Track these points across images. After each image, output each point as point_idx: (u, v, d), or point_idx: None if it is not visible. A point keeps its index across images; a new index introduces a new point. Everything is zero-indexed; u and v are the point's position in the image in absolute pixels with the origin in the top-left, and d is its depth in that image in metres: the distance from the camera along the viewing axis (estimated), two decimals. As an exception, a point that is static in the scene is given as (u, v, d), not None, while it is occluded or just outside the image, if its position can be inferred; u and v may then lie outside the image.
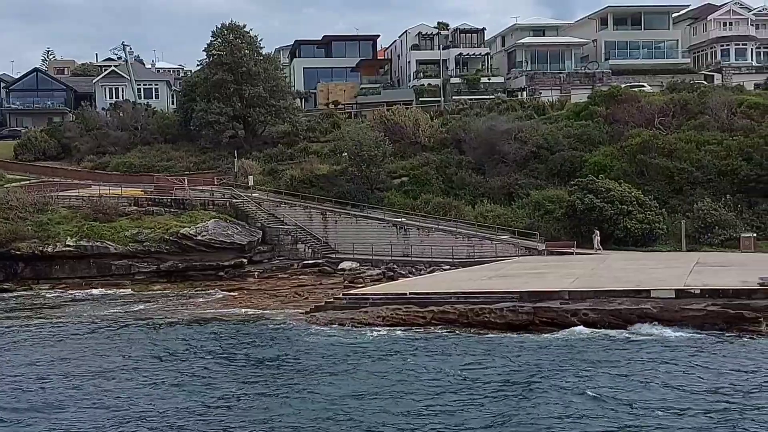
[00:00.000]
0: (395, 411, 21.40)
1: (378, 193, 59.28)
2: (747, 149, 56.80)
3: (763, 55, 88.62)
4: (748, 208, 54.34)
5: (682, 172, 56.52)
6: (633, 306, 32.29)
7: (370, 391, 23.37)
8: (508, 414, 20.85)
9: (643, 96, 67.72)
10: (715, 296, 32.45)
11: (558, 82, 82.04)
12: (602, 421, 20.07)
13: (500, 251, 51.26)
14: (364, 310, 35.73)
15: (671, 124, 62.02)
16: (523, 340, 30.40)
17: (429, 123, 67.24)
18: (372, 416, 21.06)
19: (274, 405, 22.44)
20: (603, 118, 63.95)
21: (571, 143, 61.62)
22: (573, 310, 32.66)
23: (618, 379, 23.92)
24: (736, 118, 60.84)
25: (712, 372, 24.61)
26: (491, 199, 57.61)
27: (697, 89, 69.16)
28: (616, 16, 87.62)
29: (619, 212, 51.59)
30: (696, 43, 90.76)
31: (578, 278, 37.58)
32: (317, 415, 21.26)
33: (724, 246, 50.64)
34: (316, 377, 25.40)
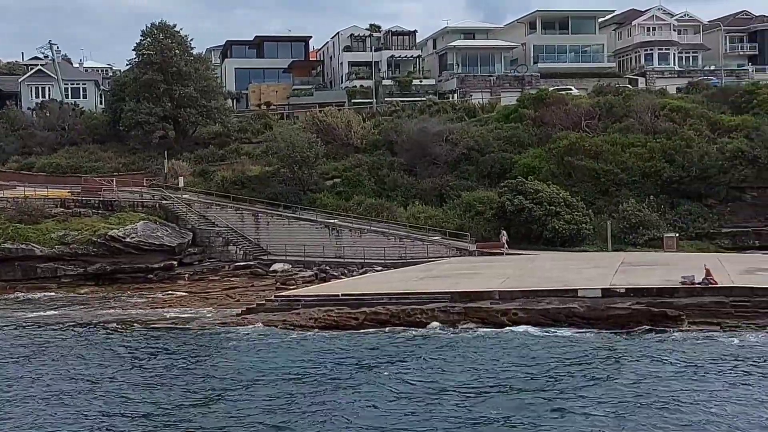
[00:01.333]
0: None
1: (310, 195, 59.27)
2: (670, 151, 58.34)
3: (684, 59, 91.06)
4: (670, 208, 55.84)
5: (608, 174, 57.79)
6: (561, 305, 33.01)
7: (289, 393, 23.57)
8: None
9: (571, 99, 69.01)
10: (640, 295, 33.38)
11: (488, 85, 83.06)
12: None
13: (432, 252, 51.75)
14: (296, 311, 35.79)
15: (597, 127, 63.34)
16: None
17: (361, 124, 67.49)
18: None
19: (189, 409, 22.44)
20: (532, 121, 65.00)
21: (501, 145, 62.50)
22: (503, 310, 33.23)
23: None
24: (659, 120, 62.38)
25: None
26: (423, 200, 58.11)
27: (622, 93, 70.74)
28: (544, 20, 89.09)
29: (548, 213, 52.53)
30: (621, 48, 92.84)
31: (508, 278, 38.23)
32: (226, 420, 21.36)
33: (648, 246, 51.98)
34: (238, 380, 25.44)
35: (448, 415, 21.02)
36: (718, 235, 54.34)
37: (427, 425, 20.35)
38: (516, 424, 20.35)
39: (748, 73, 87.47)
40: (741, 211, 56.23)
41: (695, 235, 54.05)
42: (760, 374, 24.41)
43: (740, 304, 32.27)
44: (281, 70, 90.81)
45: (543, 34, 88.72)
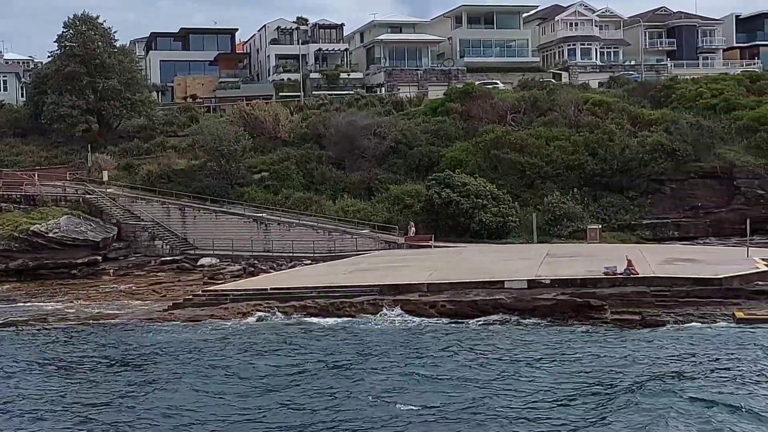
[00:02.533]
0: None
1: (238, 189, 58.87)
2: (592, 145, 59.60)
3: (606, 54, 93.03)
4: (593, 200, 57.09)
5: (533, 167, 58.76)
6: (488, 297, 33.47)
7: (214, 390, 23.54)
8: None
9: (496, 93, 69.94)
10: (564, 286, 34.04)
11: (415, 79, 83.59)
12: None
13: (361, 245, 51.95)
14: (224, 306, 35.57)
15: (522, 121, 64.35)
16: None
17: (289, 118, 67.24)
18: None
19: (109, 405, 22.24)
20: (459, 115, 65.64)
21: (428, 138, 63.00)
22: (432, 302, 33.57)
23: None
24: (582, 114, 63.63)
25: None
26: (352, 193, 58.24)
27: (547, 87, 72.02)
28: (469, 14, 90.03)
29: (475, 206, 53.17)
30: (545, 43, 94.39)
31: (436, 271, 38.62)
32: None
33: (572, 237, 53.06)
34: (159, 376, 25.27)
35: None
36: (639, 226, 55.77)
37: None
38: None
39: (667, 68, 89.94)
40: (661, 203, 57.79)
41: (617, 226, 55.36)
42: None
43: (660, 293, 33.20)
44: (207, 63, 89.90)
45: (469, 29, 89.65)
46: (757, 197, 56.95)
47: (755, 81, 70.21)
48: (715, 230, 56.22)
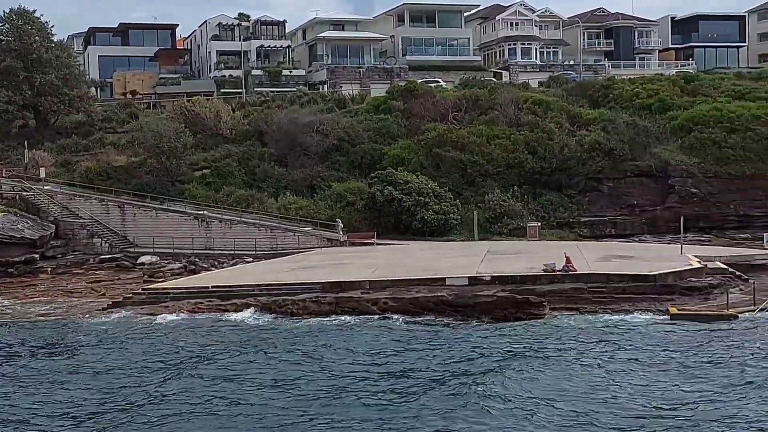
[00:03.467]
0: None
1: (179, 186, 58.35)
2: (532, 143, 60.39)
3: (545, 54, 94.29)
4: (533, 198, 57.85)
5: (475, 165, 59.32)
6: (430, 294, 33.85)
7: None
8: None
9: (438, 91, 70.39)
10: (505, 282, 34.58)
11: (358, 76, 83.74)
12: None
13: (303, 243, 51.93)
14: (164, 304, 35.39)
15: (464, 119, 64.89)
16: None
17: (231, 115, 66.80)
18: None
19: (47, 402, 22.36)
20: (401, 112, 65.94)
21: (371, 136, 63.19)
22: (374, 300, 33.81)
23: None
24: (522, 113, 64.34)
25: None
26: (294, 191, 58.15)
27: (488, 86, 72.69)
28: (412, 13, 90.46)
29: (417, 203, 53.53)
30: (486, 42, 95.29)
31: (378, 268, 38.86)
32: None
33: (512, 235, 53.70)
34: (100, 371, 25.36)
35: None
36: (578, 224, 56.69)
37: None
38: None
39: (605, 68, 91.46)
40: (598, 201, 58.80)
41: (556, 224, 56.19)
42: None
43: (597, 289, 33.94)
44: (147, 59, 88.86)
45: (411, 27, 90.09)
46: (691, 196, 58.32)
47: (689, 82, 71.76)
48: (651, 228, 57.44)
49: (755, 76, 75.88)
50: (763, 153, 59.66)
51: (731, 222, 58.39)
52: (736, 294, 33.66)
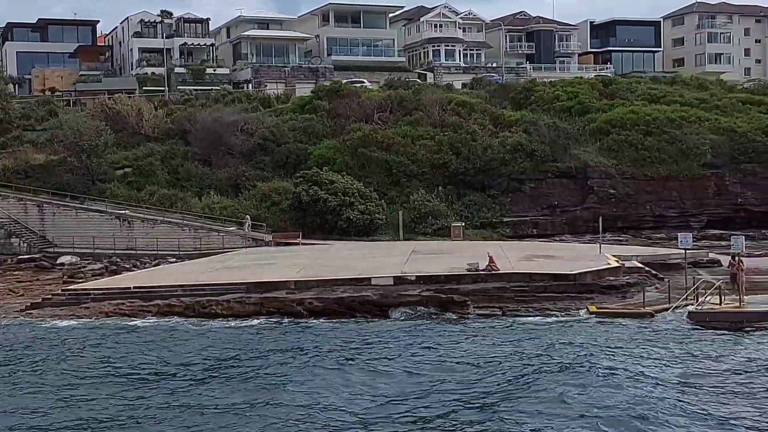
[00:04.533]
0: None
1: (100, 185, 57.33)
2: (456, 144, 61.08)
3: (469, 56, 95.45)
4: (457, 199, 58.55)
5: (400, 165, 59.73)
6: (355, 294, 33.98)
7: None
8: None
9: (363, 92, 70.65)
10: (429, 282, 34.88)
11: (283, 76, 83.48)
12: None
13: (227, 243, 51.54)
14: (85, 306, 34.73)
15: (389, 120, 65.27)
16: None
17: (153, 113, 65.84)
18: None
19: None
20: (326, 112, 66.01)
21: (296, 136, 63.08)
22: (299, 300, 33.80)
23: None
24: (446, 114, 65.07)
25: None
26: (218, 190, 57.70)
27: (412, 87, 73.23)
28: (337, 13, 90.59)
29: (343, 203, 53.66)
30: (411, 43, 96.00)
31: (304, 268, 38.84)
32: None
33: (437, 235, 54.24)
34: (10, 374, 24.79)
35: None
36: (501, 224, 57.59)
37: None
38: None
39: (527, 71, 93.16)
40: (520, 202, 59.81)
41: (480, 224, 56.99)
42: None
43: (520, 288, 34.56)
44: (67, 55, 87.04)
45: (336, 27, 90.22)
46: (609, 196, 59.81)
47: (607, 85, 73.58)
48: (571, 228, 58.72)
49: (669, 81, 78.31)
50: (677, 155, 61.56)
51: (647, 222, 60.18)
52: (652, 292, 34.63)
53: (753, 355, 25.50)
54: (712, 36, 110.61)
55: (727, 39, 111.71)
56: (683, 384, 22.16)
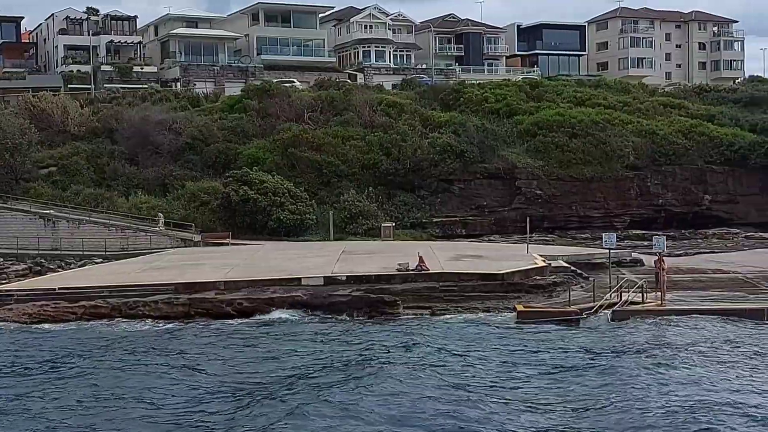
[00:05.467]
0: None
1: (23, 184, 56.12)
2: (386, 145, 61.40)
3: (399, 57, 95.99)
4: (387, 199, 58.87)
5: (330, 166, 59.80)
6: (285, 294, 33.97)
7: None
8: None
9: (294, 92, 70.54)
10: (359, 282, 35.05)
11: (212, 75, 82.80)
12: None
13: (155, 243, 50.93)
14: (7, 307, 33.95)
15: (319, 120, 65.29)
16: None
17: (79, 111, 64.68)
18: None
19: None
20: (256, 112, 65.70)
21: (225, 135, 62.65)
22: (228, 300, 33.64)
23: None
24: (376, 115, 65.37)
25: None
26: (146, 190, 56.97)
27: (342, 87, 73.36)
28: (266, 12, 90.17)
29: (273, 203, 53.51)
30: (341, 43, 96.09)
31: (233, 268, 38.66)
32: None
33: (367, 235, 54.47)
34: None
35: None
36: (430, 224, 58.14)
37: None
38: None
39: (456, 73, 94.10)
40: (450, 202, 60.47)
41: (410, 224, 57.43)
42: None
43: (449, 288, 34.97)
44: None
45: (266, 26, 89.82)
46: (536, 197, 60.89)
47: (534, 87, 74.84)
48: (499, 228, 59.58)
49: (594, 84, 79.99)
50: (602, 157, 62.98)
51: (573, 222, 61.46)
52: (577, 291, 35.39)
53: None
54: (635, 41, 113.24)
55: (649, 44, 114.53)
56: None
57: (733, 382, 22.24)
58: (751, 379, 22.62)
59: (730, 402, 20.35)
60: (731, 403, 20.28)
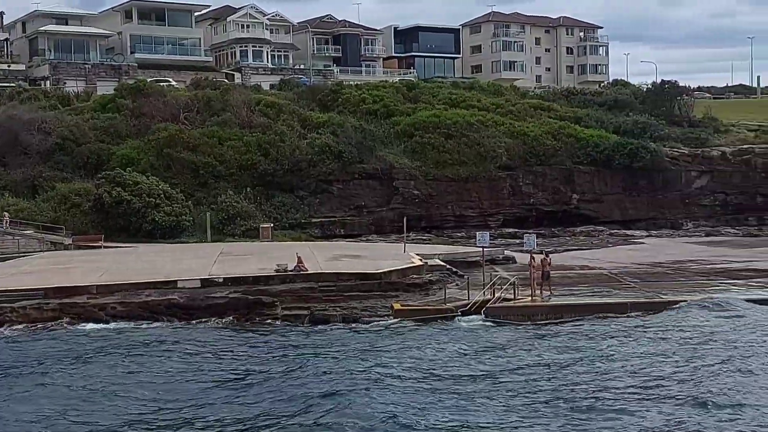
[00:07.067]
0: None
1: None
2: (265, 145, 61.10)
3: (277, 57, 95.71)
4: (266, 200, 58.59)
5: (207, 166, 59.04)
6: (161, 297, 33.47)
7: None
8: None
9: (169, 91, 69.32)
10: (237, 284, 34.89)
11: (83, 73, 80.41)
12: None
13: (23, 247, 49.16)
14: None
15: (196, 120, 64.33)
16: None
17: (-61, 110, 61.79)
18: None
19: None
20: (130, 111, 64.20)
21: (98, 135, 61.01)
22: (101, 305, 32.91)
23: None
24: (254, 115, 64.91)
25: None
26: (13, 192, 54.89)
27: (220, 87, 72.55)
28: (140, 10, 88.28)
29: (148, 205, 52.45)
30: (217, 43, 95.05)
31: (107, 272, 37.81)
32: None
33: (246, 236, 54.11)
34: None
35: None
36: (309, 225, 58.23)
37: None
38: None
39: (334, 74, 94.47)
40: (329, 203, 60.71)
41: (289, 225, 57.35)
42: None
43: (328, 288, 35.21)
44: None
45: (140, 24, 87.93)
46: (413, 197, 61.84)
47: (411, 89, 75.93)
48: (377, 228, 60.22)
49: (468, 86, 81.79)
50: (476, 158, 64.49)
51: (449, 222, 62.73)
52: (452, 289, 36.18)
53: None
54: (507, 44, 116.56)
55: (520, 48, 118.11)
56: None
57: (598, 372, 23.42)
58: (611, 368, 23.98)
59: (601, 388, 21.72)
60: (603, 388, 21.66)
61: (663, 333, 28.35)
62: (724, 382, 22.17)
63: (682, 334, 28.00)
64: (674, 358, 24.84)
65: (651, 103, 78.28)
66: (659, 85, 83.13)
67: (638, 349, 26.11)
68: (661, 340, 27.32)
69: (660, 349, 26.01)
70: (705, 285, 37.00)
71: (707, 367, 23.62)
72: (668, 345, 26.60)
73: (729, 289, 35.83)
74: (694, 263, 44.45)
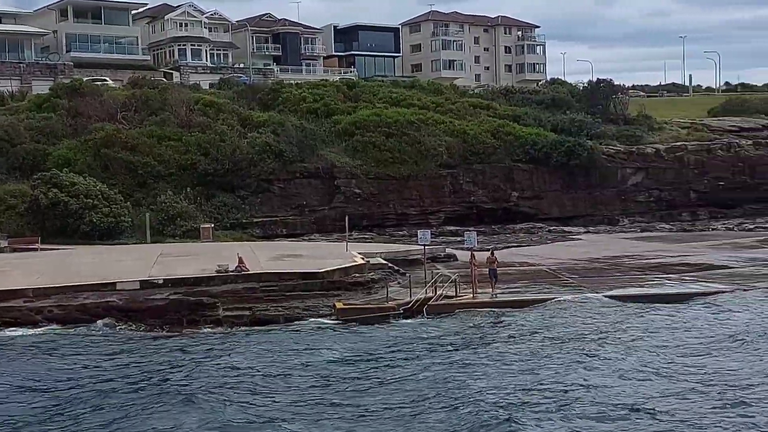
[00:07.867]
0: None
1: None
2: (204, 145, 60.59)
3: (216, 56, 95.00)
4: (206, 200, 58.11)
5: (146, 166, 58.35)
6: (99, 299, 33.05)
7: None
8: None
9: (106, 90, 68.37)
10: (178, 285, 34.54)
11: (18, 72, 78.87)
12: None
13: (-44, 250, 48.09)
14: None
15: (134, 119, 63.53)
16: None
17: None
18: None
19: None
20: (66, 111, 63.14)
21: (33, 136, 59.85)
22: (38, 308, 32.38)
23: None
24: (194, 115, 64.31)
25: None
26: (-56, 194, 53.66)
27: (158, 86, 71.71)
28: (76, 8, 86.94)
29: (85, 206, 51.64)
30: (155, 41, 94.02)
31: (43, 275, 37.16)
32: None
33: (186, 237, 53.60)
34: None
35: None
36: (251, 224, 57.89)
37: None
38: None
39: (274, 73, 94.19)
40: (270, 202, 60.45)
41: (230, 225, 56.94)
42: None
43: (269, 288, 35.13)
44: None
45: (75, 23, 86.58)
46: (355, 196, 61.95)
47: (351, 88, 76.05)
48: (320, 227, 60.14)
49: (409, 85, 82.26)
50: (417, 156, 64.88)
51: (391, 220, 62.99)
52: (395, 287, 36.47)
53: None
54: (446, 43, 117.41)
55: (459, 47, 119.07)
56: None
57: (541, 368, 23.90)
58: (549, 361, 24.60)
59: (538, 386, 22.16)
60: (540, 387, 22.11)
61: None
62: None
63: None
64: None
65: (587, 101, 79.65)
66: (595, 83, 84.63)
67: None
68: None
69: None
70: (640, 279, 37.89)
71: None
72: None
73: (663, 283, 36.76)
74: (630, 258, 45.49)
